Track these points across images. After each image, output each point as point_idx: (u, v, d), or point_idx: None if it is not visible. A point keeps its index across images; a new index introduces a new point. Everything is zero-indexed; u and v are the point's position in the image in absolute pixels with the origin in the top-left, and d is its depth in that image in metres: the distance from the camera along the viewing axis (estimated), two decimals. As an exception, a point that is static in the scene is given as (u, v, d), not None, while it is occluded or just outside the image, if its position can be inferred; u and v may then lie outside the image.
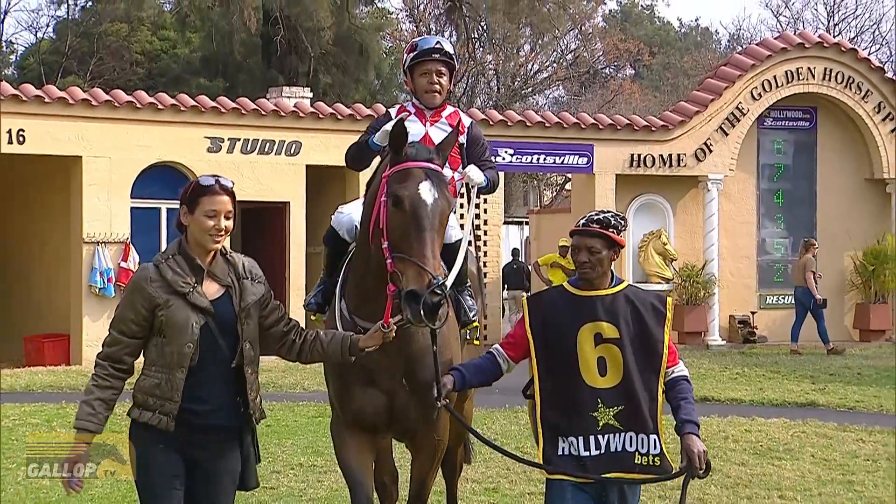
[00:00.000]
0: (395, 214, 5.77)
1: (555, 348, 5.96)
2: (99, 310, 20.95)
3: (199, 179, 5.84)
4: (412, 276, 5.57)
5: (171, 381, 5.57)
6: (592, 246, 5.94)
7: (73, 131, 20.87)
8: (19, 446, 12.68)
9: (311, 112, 22.83)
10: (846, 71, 25.67)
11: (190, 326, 5.55)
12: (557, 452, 5.90)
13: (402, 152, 5.92)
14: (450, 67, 7.18)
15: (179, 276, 5.61)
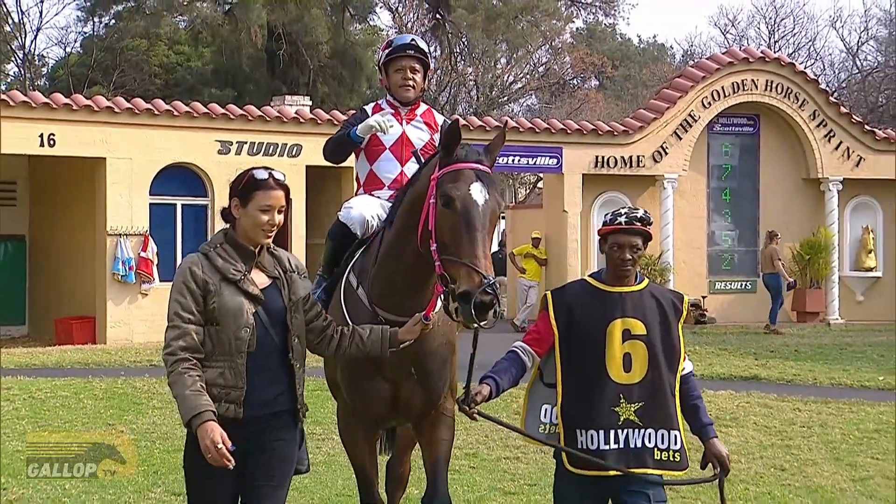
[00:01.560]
0: (445, 215, 5.18)
1: (581, 342, 5.44)
2: (121, 295, 21.06)
3: (253, 172, 5.18)
4: (464, 277, 4.99)
5: (234, 368, 4.99)
6: (636, 244, 5.44)
7: (98, 135, 20.89)
8: (51, 416, 12.72)
9: (310, 118, 22.84)
10: (785, 83, 25.73)
11: (244, 312, 5.00)
12: (576, 446, 5.40)
13: (452, 153, 5.33)
14: (424, 64, 6.70)
15: (230, 263, 5.07)
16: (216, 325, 5.00)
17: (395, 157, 6.56)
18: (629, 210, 5.55)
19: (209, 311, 4.99)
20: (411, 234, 5.46)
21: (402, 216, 5.64)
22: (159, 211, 21.68)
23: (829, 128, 25.93)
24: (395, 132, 6.54)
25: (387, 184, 6.53)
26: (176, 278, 5.08)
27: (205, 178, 22.01)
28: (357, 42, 41.03)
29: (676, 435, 5.43)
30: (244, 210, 5.10)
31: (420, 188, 5.51)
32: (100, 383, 15.12)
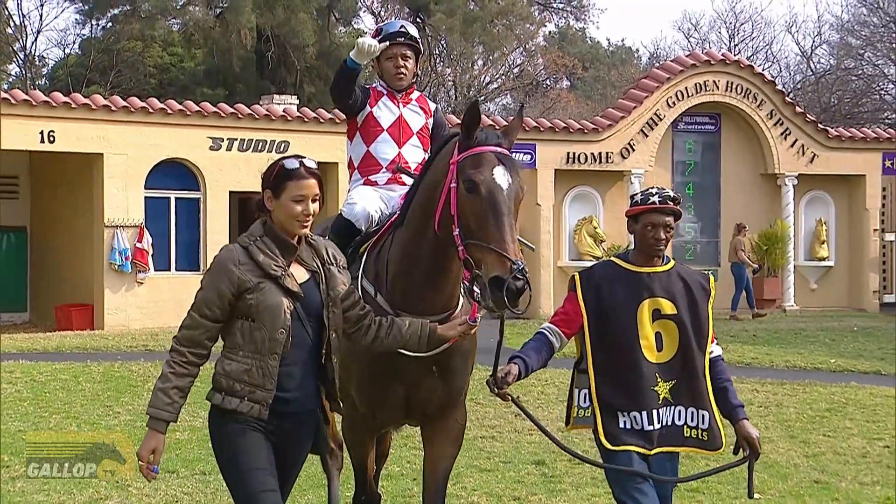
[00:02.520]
0: (469, 200, 4.81)
1: (613, 323, 5.15)
2: (118, 283, 21.04)
3: (284, 162, 4.72)
4: (493, 262, 4.63)
5: (264, 368, 4.56)
6: (669, 223, 5.19)
7: (96, 132, 20.84)
8: (52, 398, 12.70)
9: (297, 116, 22.82)
10: (744, 84, 25.80)
11: (283, 311, 4.56)
12: (619, 426, 5.11)
13: (472, 136, 4.94)
14: (415, 51, 6.29)
15: (271, 258, 4.60)
16: (251, 321, 4.58)
17: (392, 138, 6.22)
18: (659, 189, 5.29)
19: (246, 307, 4.58)
20: (429, 220, 5.09)
21: (418, 211, 5.21)
22: (154, 204, 21.64)
23: (785, 126, 26.02)
24: (392, 115, 6.22)
25: (384, 165, 6.21)
26: (212, 268, 4.68)
27: (197, 172, 21.97)
28: (342, 44, 40.98)
29: (705, 414, 5.20)
30: (277, 201, 4.66)
31: (437, 173, 5.12)
32: (97, 367, 15.11)
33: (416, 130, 6.28)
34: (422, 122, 6.32)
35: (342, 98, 6.15)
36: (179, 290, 21.55)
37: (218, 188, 22.06)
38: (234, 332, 4.63)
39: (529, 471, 9.12)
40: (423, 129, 6.32)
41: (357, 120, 6.25)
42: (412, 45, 6.26)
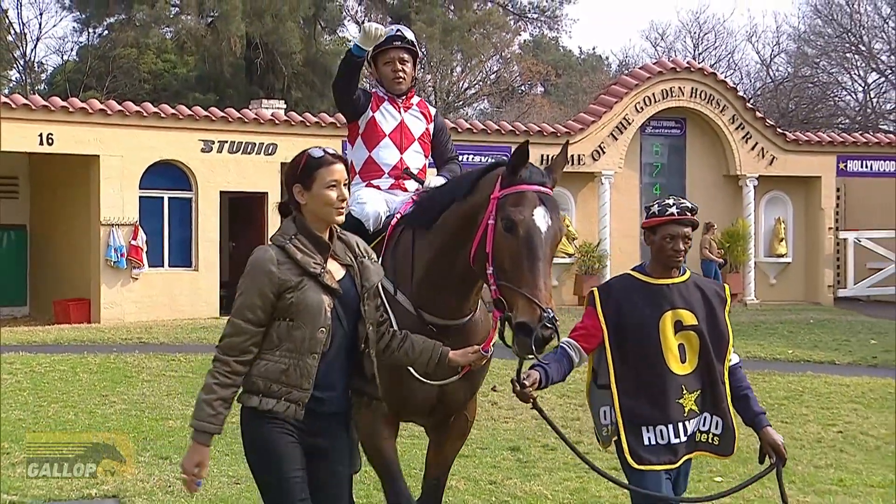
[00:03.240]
0: (506, 240, 4.48)
1: (635, 337, 4.85)
2: (114, 279, 20.98)
3: (309, 152, 4.35)
4: (523, 308, 4.32)
5: (302, 368, 4.21)
6: (687, 234, 4.92)
7: (93, 135, 20.77)
8: (50, 388, 12.66)
9: (284, 120, 22.77)
10: (708, 90, 25.88)
11: (323, 310, 4.22)
12: (643, 443, 4.82)
13: (518, 173, 4.59)
14: (412, 54, 5.97)
15: (309, 256, 4.26)
16: (290, 321, 4.22)
17: (394, 144, 5.90)
18: (676, 200, 5.00)
19: (285, 307, 4.21)
20: (462, 248, 4.77)
21: (452, 228, 4.89)
22: (148, 203, 21.57)
23: (746, 130, 26.11)
24: (394, 120, 5.90)
25: (386, 171, 5.88)
26: (251, 271, 4.28)
27: (189, 173, 21.90)
28: (327, 52, 40.95)
29: (719, 420, 4.93)
30: (310, 193, 4.29)
31: (476, 203, 4.75)
32: (94, 358, 15.07)
33: (417, 136, 5.99)
34: (423, 127, 6.04)
35: (346, 92, 5.79)
36: (172, 286, 21.61)
37: (209, 188, 22.02)
38: (270, 333, 4.26)
39: (505, 456, 9.14)
40: (423, 135, 6.03)
41: (359, 124, 5.93)
42: (409, 48, 5.97)
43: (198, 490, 4.36)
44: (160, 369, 14.20)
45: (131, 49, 39.34)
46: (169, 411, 11.29)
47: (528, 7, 45.31)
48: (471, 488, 8.08)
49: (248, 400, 4.30)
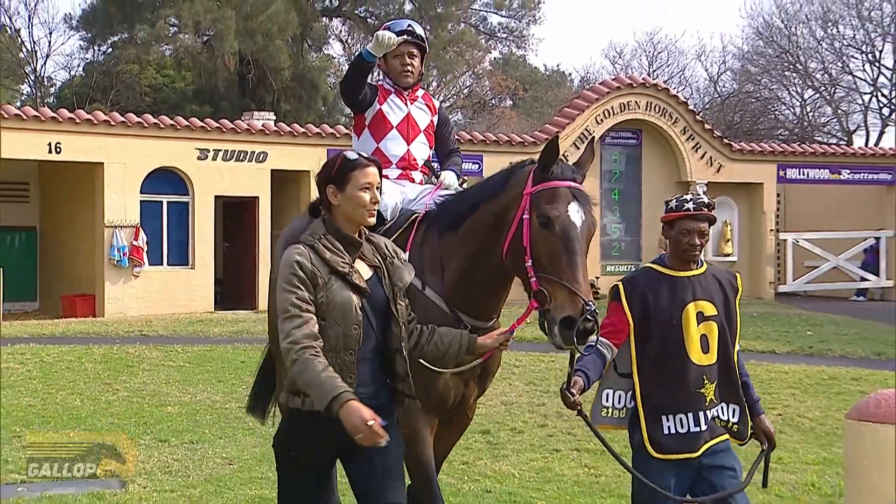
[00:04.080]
0: (543, 235, 4.24)
1: (659, 328, 4.59)
2: (116, 276, 20.95)
3: (344, 154, 4.10)
4: (565, 301, 4.10)
5: (341, 364, 3.90)
6: (704, 229, 4.66)
7: (97, 144, 20.70)
8: (58, 377, 12.60)
9: (274, 130, 22.72)
10: (662, 104, 25.97)
11: (353, 308, 3.94)
12: (663, 432, 4.54)
13: (549, 170, 4.39)
14: (421, 49, 5.62)
15: (337, 255, 3.98)
16: (323, 321, 3.92)
17: (401, 135, 5.59)
18: (694, 196, 4.74)
19: (316, 306, 3.93)
20: (497, 246, 4.49)
21: (485, 227, 4.59)
22: (148, 207, 21.51)
23: (696, 141, 26.22)
24: (401, 112, 5.59)
25: (394, 162, 5.56)
26: (283, 270, 3.97)
27: (186, 179, 21.86)
28: (313, 68, 40.92)
29: (735, 408, 4.69)
30: (343, 194, 4.04)
31: (507, 200, 4.50)
32: (98, 350, 15.01)
33: (423, 128, 5.68)
34: (428, 119, 5.73)
35: (353, 92, 5.47)
36: (171, 283, 21.56)
37: (205, 193, 21.97)
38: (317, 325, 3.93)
39: (476, 439, 9.14)
40: (429, 127, 5.73)
41: (365, 116, 5.59)
42: (418, 43, 5.62)
43: (385, 437, 3.69)
44: (159, 359, 14.16)
45: (133, 65, 39.16)
46: (167, 398, 11.26)
47: (498, 27, 45.38)
48: (445, 468, 8.04)
49: (291, 401, 3.98)
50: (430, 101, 5.77)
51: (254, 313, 21.55)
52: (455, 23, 42.81)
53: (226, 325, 18.88)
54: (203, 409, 10.60)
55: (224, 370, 13.24)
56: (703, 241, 4.67)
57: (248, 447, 8.82)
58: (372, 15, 43.27)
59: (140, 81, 39.94)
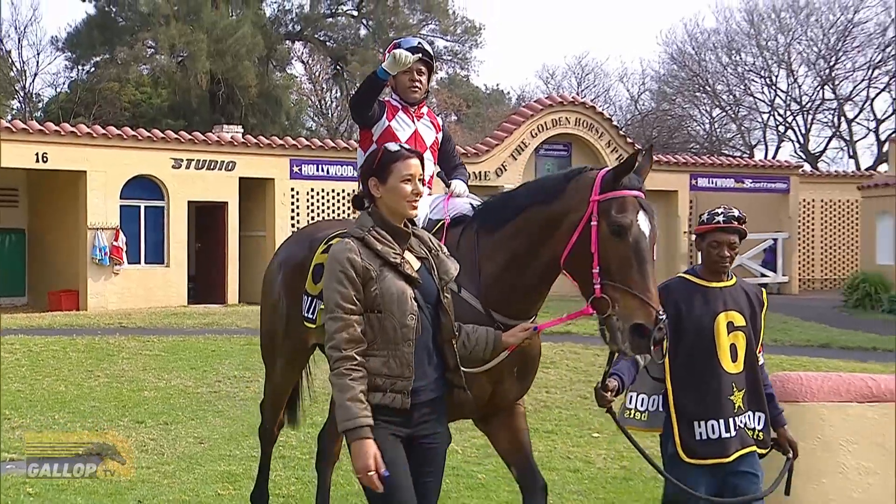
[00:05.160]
0: (613, 243, 3.83)
1: (692, 336, 4.26)
2: (98, 273, 20.72)
3: (385, 146, 3.73)
4: (637, 310, 3.71)
5: (400, 357, 3.56)
6: (733, 241, 4.35)
7: (81, 154, 20.44)
8: (44, 364, 12.41)
9: (241, 142, 22.57)
10: (589, 120, 26.12)
11: (408, 298, 3.58)
12: (695, 438, 4.22)
13: (620, 179, 3.98)
14: (429, 67, 5.21)
15: (388, 246, 3.63)
16: (378, 313, 3.56)
17: None
18: (725, 209, 4.44)
19: (371, 298, 3.57)
20: (543, 248, 4.09)
21: (534, 229, 4.13)
22: (127, 211, 21.25)
23: (619, 153, 26.38)
24: (409, 128, 5.14)
25: None
26: (332, 266, 3.59)
27: (162, 186, 21.67)
28: (278, 86, 40.75)
29: (761, 416, 4.36)
30: (385, 186, 3.67)
31: (566, 205, 4.03)
32: (81, 340, 14.81)
33: (429, 145, 5.24)
34: (433, 136, 5.30)
35: (364, 108, 5.03)
36: (148, 279, 21.38)
37: (179, 198, 21.79)
38: (365, 330, 3.58)
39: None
40: (434, 144, 5.29)
41: (373, 132, 5.11)
42: (427, 60, 5.19)
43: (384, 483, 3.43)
44: (137, 349, 14.00)
45: (114, 83, 38.71)
46: (144, 384, 11.12)
47: (444, 51, 45.41)
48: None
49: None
50: (434, 119, 5.37)
51: (223, 307, 21.45)
52: (405, 47, 42.88)
53: (198, 318, 18.73)
54: (176, 394, 10.49)
55: (196, 358, 13.12)
56: (733, 253, 4.38)
57: (217, 428, 8.74)
58: (330, 39, 43.18)
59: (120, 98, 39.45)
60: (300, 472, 7.18)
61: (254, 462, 7.39)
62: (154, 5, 36.95)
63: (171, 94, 39.33)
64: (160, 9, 36.82)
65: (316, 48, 43.85)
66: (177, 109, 38.96)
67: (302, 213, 23.38)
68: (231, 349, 14.11)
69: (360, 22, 42.57)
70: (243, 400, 10.11)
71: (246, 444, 8.01)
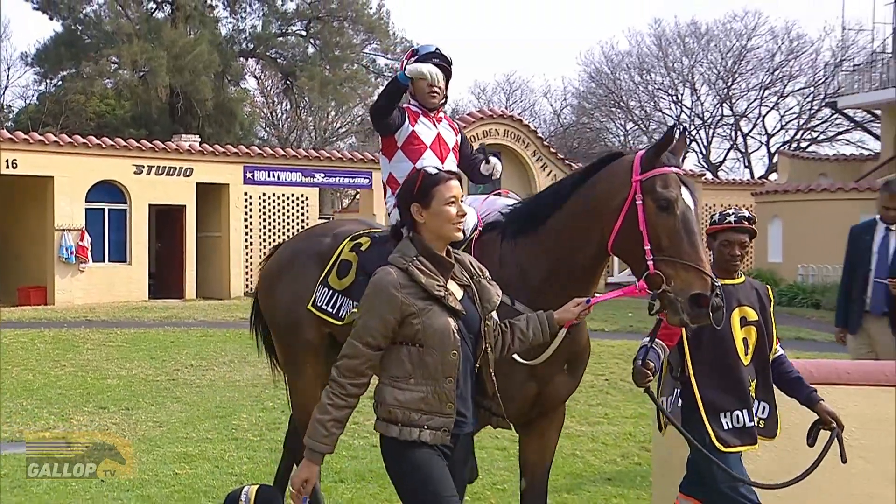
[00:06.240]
0: (662, 218, 3.51)
1: (709, 331, 3.85)
2: (65, 271, 20.43)
3: (424, 170, 3.30)
4: (693, 280, 3.40)
5: (440, 393, 3.14)
6: (744, 241, 4.11)
7: (48, 161, 20.09)
8: (14, 354, 12.14)
9: (199, 150, 22.40)
10: (516, 131, 26.27)
11: (451, 333, 3.15)
12: (723, 428, 3.94)
13: (660, 157, 3.58)
14: (447, 73, 4.70)
15: (433, 278, 3.17)
16: (419, 346, 3.14)
17: (435, 155, 4.63)
18: (736, 210, 4.20)
19: (411, 332, 3.13)
20: (589, 238, 3.73)
21: (577, 221, 3.76)
22: (92, 213, 20.94)
23: (543, 162, 26.60)
24: (432, 132, 4.65)
25: None
26: (372, 294, 3.16)
27: (124, 190, 21.38)
28: (232, 99, 40.41)
29: (766, 406, 4.11)
30: (429, 211, 3.23)
31: (607, 190, 3.68)
32: (49, 332, 14.54)
33: (451, 148, 4.76)
34: (454, 139, 4.79)
35: (385, 114, 4.55)
36: (111, 276, 21.10)
37: (140, 202, 21.53)
38: (402, 360, 3.17)
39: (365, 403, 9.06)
40: (455, 146, 4.80)
41: (396, 138, 4.62)
42: (445, 66, 4.69)
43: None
44: (101, 340, 13.78)
45: (80, 95, 38.00)
46: (107, 372, 10.95)
47: (385, 68, 45.37)
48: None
49: (386, 429, 3.24)
50: (451, 122, 4.86)
51: (182, 301, 21.26)
52: (350, 63, 42.80)
53: (158, 312, 18.48)
54: (138, 382, 10.34)
55: (156, 349, 12.95)
56: (744, 253, 4.15)
57: (175, 412, 8.64)
58: (281, 56, 42.93)
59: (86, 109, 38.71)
60: (251, 452, 7.13)
61: (209, 444, 7.34)
62: (118, 24, 36.57)
63: (133, 106, 38.75)
64: (123, 28, 36.43)
65: (267, 65, 43.59)
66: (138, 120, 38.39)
67: (255, 215, 23.24)
68: (188, 340, 13.94)
69: (307, 41, 42.42)
70: (199, 387, 10.00)
71: (202, 427, 7.94)
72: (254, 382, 10.09)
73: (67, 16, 37.98)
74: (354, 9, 41.36)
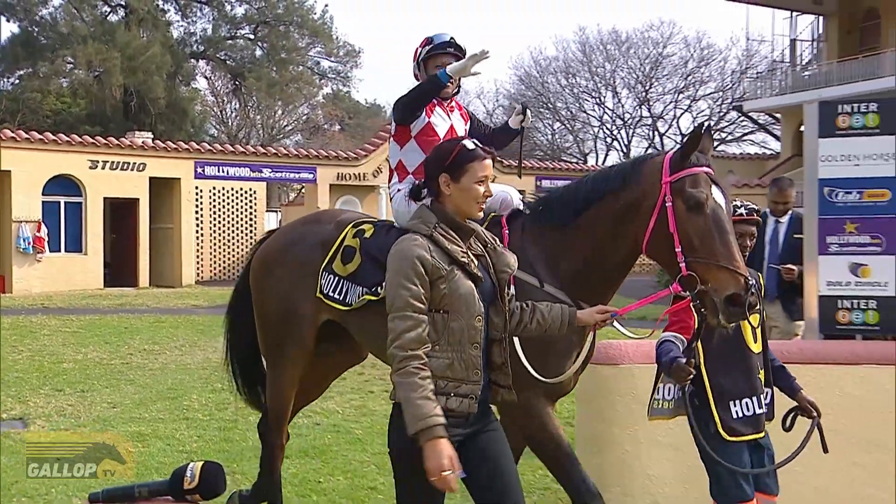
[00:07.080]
0: (692, 219, 3.29)
1: None
2: (23, 261, 19.96)
3: (463, 143, 2.98)
4: (727, 280, 3.19)
5: (466, 360, 2.86)
6: (753, 232, 3.92)
7: (6, 156, 19.55)
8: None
9: (151, 146, 22.08)
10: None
11: (475, 299, 2.88)
12: (733, 416, 3.68)
13: (689, 158, 3.36)
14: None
15: (456, 244, 2.91)
16: (445, 313, 2.85)
17: None
18: (744, 203, 3.96)
19: (439, 297, 2.85)
20: (622, 236, 3.55)
21: (612, 218, 3.56)
22: (49, 206, 20.47)
23: (476, 158, 26.70)
24: (446, 123, 4.35)
25: None
26: (400, 263, 2.84)
27: (80, 184, 20.97)
28: (183, 98, 39.83)
29: (768, 391, 3.84)
30: (457, 185, 2.94)
31: (641, 191, 3.47)
32: (7, 319, 14.15)
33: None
34: (465, 128, 4.49)
35: (418, 109, 4.23)
36: (67, 266, 20.70)
37: (95, 195, 21.13)
38: (429, 330, 2.85)
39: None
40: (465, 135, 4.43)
41: (411, 128, 4.29)
42: (458, 56, 4.32)
43: (456, 487, 2.70)
44: (57, 326, 13.48)
45: (37, 93, 37.05)
46: (64, 356, 10.71)
47: (328, 70, 45.10)
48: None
49: None
50: (462, 110, 4.55)
51: (135, 290, 20.95)
52: (295, 65, 42.48)
53: (112, 299, 18.18)
54: (93, 365, 10.13)
55: (110, 334, 12.70)
56: (751, 244, 3.96)
57: (128, 394, 8.48)
58: (230, 58, 42.41)
59: (42, 107, 37.73)
60: (201, 430, 7.04)
61: (161, 423, 7.23)
62: (73, 27, 35.79)
63: (88, 104, 37.91)
64: (78, 30, 35.64)
65: (217, 66, 43.01)
66: (94, 117, 37.57)
67: (205, 208, 22.97)
68: (141, 326, 13.71)
69: (255, 44, 41.98)
70: (152, 370, 9.84)
71: (154, 408, 7.81)
72: (204, 365, 9.96)
73: (24, 17, 37.06)
74: (300, 14, 41.06)
